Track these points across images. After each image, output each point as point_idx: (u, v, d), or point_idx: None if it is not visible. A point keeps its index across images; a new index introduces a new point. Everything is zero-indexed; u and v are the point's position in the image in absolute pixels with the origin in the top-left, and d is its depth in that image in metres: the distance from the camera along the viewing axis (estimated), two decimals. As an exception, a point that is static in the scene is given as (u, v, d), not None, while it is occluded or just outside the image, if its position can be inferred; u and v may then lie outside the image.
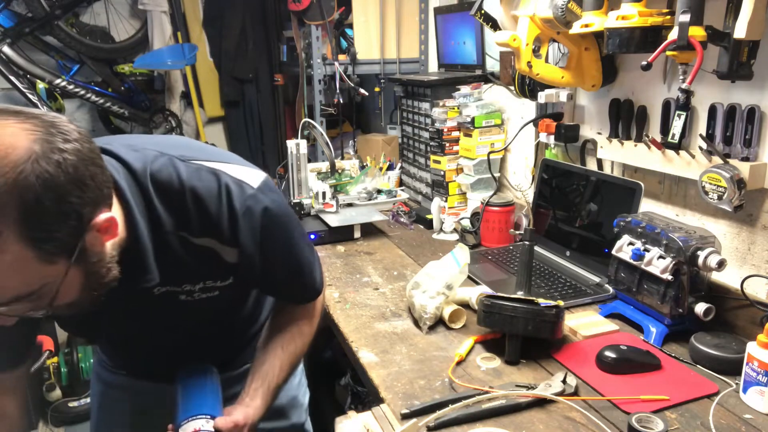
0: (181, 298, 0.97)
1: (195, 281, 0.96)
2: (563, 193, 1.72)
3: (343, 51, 2.64)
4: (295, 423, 1.37)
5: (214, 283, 0.97)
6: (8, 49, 2.64)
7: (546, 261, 1.68)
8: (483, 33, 2.13)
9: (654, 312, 1.28)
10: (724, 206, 1.22)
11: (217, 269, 0.96)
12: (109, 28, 3.10)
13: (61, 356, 2.64)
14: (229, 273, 0.97)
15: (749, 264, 1.31)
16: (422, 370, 1.17)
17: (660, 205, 1.51)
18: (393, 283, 1.62)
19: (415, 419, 1.00)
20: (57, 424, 2.55)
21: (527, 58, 1.47)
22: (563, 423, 0.99)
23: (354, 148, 2.93)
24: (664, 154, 1.38)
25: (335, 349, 2.22)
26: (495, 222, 1.84)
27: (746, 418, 1.00)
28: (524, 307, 1.17)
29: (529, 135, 1.94)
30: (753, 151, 1.23)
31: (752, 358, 1.02)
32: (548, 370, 1.16)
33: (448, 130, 2.07)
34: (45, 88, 2.74)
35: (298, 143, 2.11)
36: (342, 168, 2.22)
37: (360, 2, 2.55)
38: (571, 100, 1.75)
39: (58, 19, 2.74)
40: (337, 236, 1.96)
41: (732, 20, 1.13)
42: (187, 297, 0.97)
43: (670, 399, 1.03)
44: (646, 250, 1.28)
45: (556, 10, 1.39)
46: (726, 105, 1.27)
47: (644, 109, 1.50)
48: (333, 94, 2.54)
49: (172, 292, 0.95)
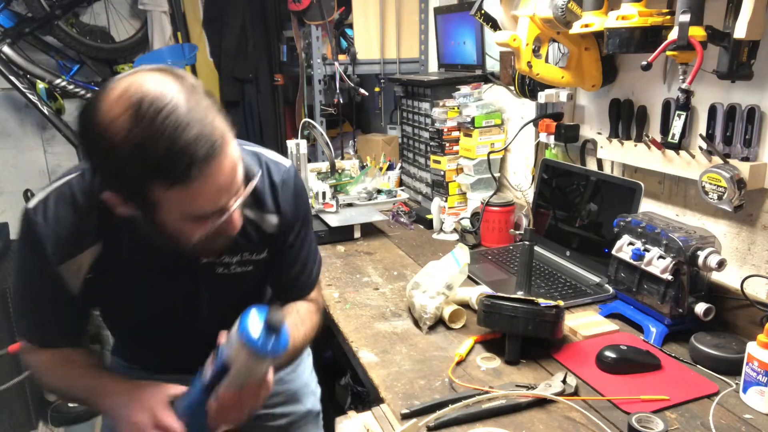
0: (218, 271, 1.05)
1: (234, 253, 1.05)
2: (563, 193, 1.72)
3: (343, 51, 2.64)
4: (310, 409, 1.40)
5: (250, 256, 1.07)
6: (8, 49, 2.64)
7: (546, 261, 1.68)
8: (483, 33, 2.13)
9: (654, 312, 1.28)
10: (724, 206, 1.22)
11: (255, 241, 1.07)
12: (109, 28, 3.10)
13: (61, 356, 2.63)
14: (265, 245, 1.09)
15: (749, 264, 1.31)
16: (422, 370, 1.17)
17: (660, 205, 1.51)
18: (393, 283, 1.62)
19: (415, 419, 1.00)
20: (57, 424, 2.55)
21: (527, 58, 1.47)
22: (563, 423, 0.99)
23: (354, 148, 2.93)
24: (664, 154, 1.38)
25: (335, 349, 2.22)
26: (495, 222, 1.84)
27: (746, 418, 1.00)
28: (524, 307, 1.17)
29: (529, 135, 1.94)
30: (753, 151, 1.23)
31: (752, 358, 1.02)
32: (548, 370, 1.16)
33: (448, 130, 2.07)
34: (45, 88, 2.74)
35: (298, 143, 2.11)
36: (342, 168, 2.22)
37: (360, 2, 2.55)
38: (571, 100, 1.75)
39: (58, 19, 2.74)
40: (337, 236, 1.96)
41: (732, 20, 1.13)
42: (224, 270, 1.05)
43: (670, 399, 1.03)
44: (646, 250, 1.28)
45: (556, 10, 1.39)
46: (726, 105, 1.27)
47: (644, 109, 1.50)
48: (333, 94, 2.54)
49: (212, 264, 1.04)
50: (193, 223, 0.86)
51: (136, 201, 0.84)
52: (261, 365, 0.87)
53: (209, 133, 0.78)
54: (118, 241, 0.97)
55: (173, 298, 1.07)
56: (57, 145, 3.08)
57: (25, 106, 2.91)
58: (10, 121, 3.02)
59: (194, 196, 0.81)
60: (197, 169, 0.77)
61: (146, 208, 0.83)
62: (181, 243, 0.89)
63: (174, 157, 0.76)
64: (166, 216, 0.84)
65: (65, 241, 0.94)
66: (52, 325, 1.04)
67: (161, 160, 0.76)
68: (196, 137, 0.77)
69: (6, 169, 3.06)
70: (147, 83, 0.77)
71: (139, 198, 0.82)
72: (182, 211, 0.83)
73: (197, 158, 0.77)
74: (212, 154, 0.78)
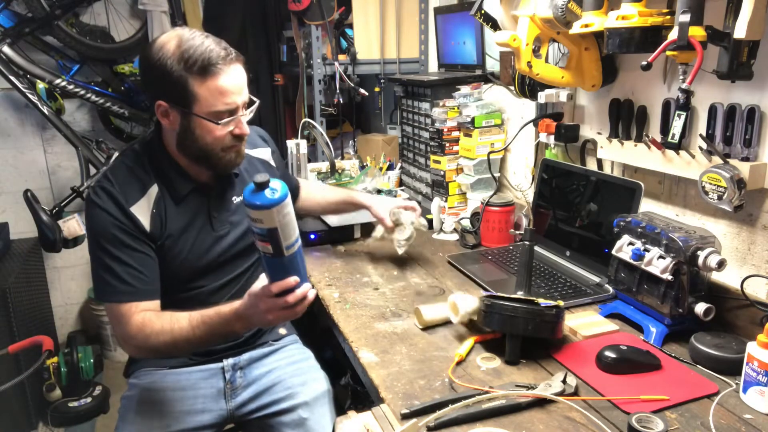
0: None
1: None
2: (563, 193, 1.72)
3: (343, 51, 2.63)
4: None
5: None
6: (8, 49, 2.63)
7: (546, 261, 1.68)
8: (483, 33, 2.13)
9: (654, 312, 1.28)
10: (724, 206, 1.22)
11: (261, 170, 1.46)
12: (109, 28, 3.09)
13: (61, 356, 2.63)
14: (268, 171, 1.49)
15: (749, 264, 1.31)
16: (422, 370, 1.17)
17: (660, 205, 1.51)
18: (393, 283, 1.62)
19: (415, 419, 1.00)
20: (57, 424, 2.55)
21: (527, 58, 1.47)
22: (563, 423, 0.99)
23: (354, 148, 2.93)
24: (664, 154, 1.38)
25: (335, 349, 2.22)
26: (495, 222, 1.84)
27: (746, 418, 1.00)
28: (524, 307, 1.17)
29: (529, 135, 1.94)
30: (753, 151, 1.23)
31: (752, 358, 1.02)
32: (548, 370, 1.16)
33: (448, 130, 2.07)
34: (45, 88, 2.73)
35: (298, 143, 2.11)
36: (342, 168, 2.22)
37: (360, 2, 2.55)
38: (571, 100, 1.75)
39: (58, 19, 2.73)
40: (337, 236, 1.96)
41: (732, 20, 1.13)
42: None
43: (670, 399, 1.03)
44: (646, 250, 1.28)
45: (556, 10, 1.39)
46: (726, 105, 1.27)
47: (644, 109, 1.50)
48: (333, 94, 2.54)
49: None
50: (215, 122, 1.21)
51: (178, 101, 1.20)
52: (270, 215, 1.02)
53: (225, 47, 1.21)
54: (168, 182, 1.30)
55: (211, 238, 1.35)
56: (57, 145, 3.08)
57: (25, 106, 2.92)
58: (10, 121, 3.02)
59: (217, 91, 1.19)
60: (219, 66, 1.18)
61: (185, 105, 1.20)
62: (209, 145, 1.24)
63: (204, 58, 1.16)
64: (199, 111, 1.20)
65: (130, 188, 1.26)
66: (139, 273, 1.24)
67: (196, 61, 1.16)
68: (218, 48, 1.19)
69: (6, 169, 3.06)
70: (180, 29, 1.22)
71: (181, 96, 1.19)
72: (209, 104, 1.19)
73: (219, 59, 1.18)
74: (228, 60, 1.20)
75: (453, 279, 1.64)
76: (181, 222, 1.31)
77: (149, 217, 1.26)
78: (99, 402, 2.67)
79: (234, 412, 1.41)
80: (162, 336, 1.19)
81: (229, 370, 1.44)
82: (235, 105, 1.23)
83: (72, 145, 2.80)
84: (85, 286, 3.30)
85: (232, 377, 1.43)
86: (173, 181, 1.31)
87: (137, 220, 1.25)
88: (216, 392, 1.41)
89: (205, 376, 1.43)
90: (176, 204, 1.31)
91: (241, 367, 1.45)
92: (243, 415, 1.42)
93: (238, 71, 1.22)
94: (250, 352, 1.48)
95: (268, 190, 1.02)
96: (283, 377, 1.41)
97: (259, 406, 1.40)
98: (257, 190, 1.02)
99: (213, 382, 1.42)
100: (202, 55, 1.16)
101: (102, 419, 2.67)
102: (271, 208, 1.02)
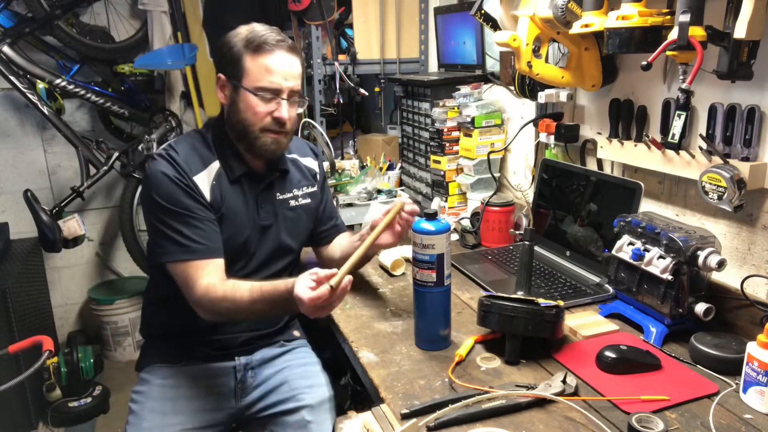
0: (291, 204, 1.47)
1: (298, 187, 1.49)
2: (563, 193, 1.72)
3: (343, 51, 2.63)
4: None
5: (307, 188, 1.51)
6: (8, 49, 2.63)
7: (546, 261, 1.68)
8: (483, 33, 2.13)
9: (654, 312, 1.28)
10: (724, 206, 1.22)
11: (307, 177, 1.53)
12: (109, 28, 3.09)
13: (61, 356, 2.63)
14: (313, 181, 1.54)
15: (749, 264, 1.31)
16: (422, 370, 1.17)
17: (660, 205, 1.51)
18: (393, 283, 1.62)
19: (415, 419, 1.00)
20: (57, 424, 2.55)
21: (527, 58, 1.47)
22: (563, 423, 0.99)
23: (354, 148, 2.93)
24: (664, 154, 1.38)
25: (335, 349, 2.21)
26: (495, 222, 1.85)
27: (746, 418, 1.00)
28: (524, 307, 1.17)
29: (529, 135, 1.94)
30: (753, 151, 1.23)
31: (752, 358, 1.02)
32: (548, 370, 1.16)
33: (448, 130, 2.07)
34: (45, 88, 2.73)
35: (298, 143, 2.10)
36: (342, 168, 2.22)
37: (360, 2, 2.55)
38: (571, 100, 1.75)
39: (58, 19, 2.73)
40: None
41: (732, 20, 1.13)
42: (294, 202, 1.47)
43: (670, 399, 1.03)
44: (646, 250, 1.28)
45: (556, 10, 1.39)
46: (726, 105, 1.27)
47: (644, 109, 1.50)
48: (333, 94, 2.54)
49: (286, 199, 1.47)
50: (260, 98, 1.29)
51: (233, 74, 1.31)
52: (441, 241, 1.20)
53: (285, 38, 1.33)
54: (226, 161, 1.37)
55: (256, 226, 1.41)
56: (57, 145, 3.08)
57: (25, 106, 2.91)
58: (10, 121, 3.02)
59: (264, 67, 1.29)
60: (271, 46, 1.29)
61: (237, 78, 1.30)
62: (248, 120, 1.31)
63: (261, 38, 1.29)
64: (246, 84, 1.29)
65: (192, 160, 1.34)
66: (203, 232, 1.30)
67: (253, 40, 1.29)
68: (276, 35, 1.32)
69: (6, 169, 3.06)
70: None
71: (235, 69, 1.30)
72: (255, 78, 1.29)
73: (273, 41, 1.30)
74: (281, 44, 1.31)
75: (453, 279, 1.63)
76: (234, 201, 1.37)
77: (209, 188, 1.33)
78: (99, 402, 2.67)
79: (243, 411, 1.42)
80: (225, 303, 1.23)
81: (241, 369, 1.44)
82: (279, 86, 1.30)
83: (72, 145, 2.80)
84: (85, 286, 3.30)
85: (243, 377, 1.44)
86: (230, 161, 1.38)
87: (199, 188, 1.32)
88: (228, 391, 1.42)
89: (217, 374, 1.43)
90: (231, 184, 1.37)
91: (253, 367, 1.46)
92: (250, 414, 1.42)
93: (289, 58, 1.32)
94: (262, 351, 1.48)
95: (440, 219, 1.19)
96: (290, 378, 1.41)
97: (265, 405, 1.41)
98: (429, 219, 1.19)
99: (225, 381, 1.43)
100: (261, 37, 1.29)
101: (102, 419, 2.67)
102: (444, 233, 1.17)
